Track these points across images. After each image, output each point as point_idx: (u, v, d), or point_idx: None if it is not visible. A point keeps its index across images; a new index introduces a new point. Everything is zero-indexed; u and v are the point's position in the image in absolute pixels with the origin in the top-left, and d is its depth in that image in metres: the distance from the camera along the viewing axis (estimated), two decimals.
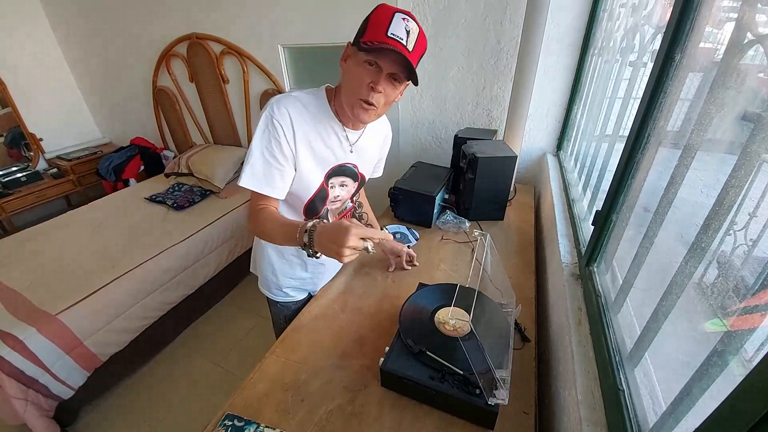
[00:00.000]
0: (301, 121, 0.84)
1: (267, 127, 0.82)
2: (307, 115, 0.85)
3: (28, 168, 3.08)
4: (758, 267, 0.52)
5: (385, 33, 0.73)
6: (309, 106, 0.86)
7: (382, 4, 0.76)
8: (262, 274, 1.14)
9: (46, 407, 1.50)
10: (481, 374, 0.72)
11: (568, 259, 1.01)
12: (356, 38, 0.78)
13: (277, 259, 1.09)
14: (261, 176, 0.84)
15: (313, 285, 1.18)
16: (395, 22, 0.73)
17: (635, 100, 0.86)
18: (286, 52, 2.30)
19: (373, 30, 0.74)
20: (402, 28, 0.74)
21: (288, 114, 0.82)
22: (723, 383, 0.41)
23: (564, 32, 1.56)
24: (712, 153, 0.58)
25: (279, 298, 1.16)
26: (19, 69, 3.00)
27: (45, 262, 1.89)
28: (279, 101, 0.83)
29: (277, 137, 0.82)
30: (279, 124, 0.81)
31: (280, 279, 1.11)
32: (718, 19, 0.62)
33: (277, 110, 0.81)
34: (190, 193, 2.52)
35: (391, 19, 0.73)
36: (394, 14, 0.74)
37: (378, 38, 0.73)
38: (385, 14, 0.74)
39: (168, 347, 2.07)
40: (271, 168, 0.84)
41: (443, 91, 1.90)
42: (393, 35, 0.73)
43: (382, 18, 0.74)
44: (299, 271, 1.12)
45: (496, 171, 1.38)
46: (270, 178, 0.85)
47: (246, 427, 0.73)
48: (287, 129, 0.82)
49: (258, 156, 0.83)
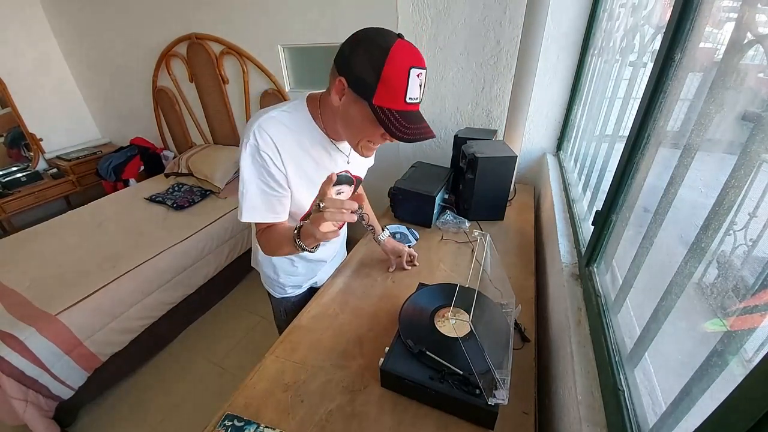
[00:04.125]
0: (285, 146, 0.80)
1: (254, 158, 0.79)
2: (290, 137, 0.81)
3: (28, 168, 3.08)
4: (758, 267, 0.52)
5: (404, 99, 0.68)
6: (292, 127, 0.82)
7: (397, 46, 0.66)
8: (262, 270, 1.16)
9: (45, 407, 1.50)
10: (481, 374, 0.72)
11: (568, 259, 1.00)
12: (362, 86, 0.69)
13: (275, 257, 1.10)
14: (261, 207, 0.83)
15: (311, 280, 1.19)
16: (412, 83, 0.68)
17: (635, 100, 0.86)
18: (286, 52, 2.30)
19: (388, 92, 0.68)
20: (417, 86, 0.70)
21: (272, 140, 0.78)
22: (723, 383, 0.41)
23: (564, 32, 1.56)
24: (712, 153, 0.58)
25: (278, 294, 1.18)
26: (19, 69, 3.00)
27: (45, 262, 1.89)
28: (260, 127, 0.78)
29: (267, 167, 0.79)
30: (266, 153, 0.78)
31: (280, 276, 1.13)
32: (718, 19, 0.62)
33: (261, 139, 0.77)
34: (190, 193, 2.52)
35: (407, 79, 0.67)
36: (410, 72, 0.67)
37: (396, 105, 0.69)
38: (401, 70, 0.67)
39: (168, 347, 2.07)
40: (269, 197, 0.83)
41: (443, 91, 1.90)
42: (411, 100, 0.69)
43: (399, 75, 0.67)
44: (292, 267, 1.13)
45: (496, 171, 1.38)
46: (269, 206, 0.84)
47: (246, 427, 0.73)
48: (275, 157, 0.79)
49: (254, 190, 0.81)
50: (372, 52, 0.67)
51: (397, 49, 0.66)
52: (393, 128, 0.69)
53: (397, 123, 0.69)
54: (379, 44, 0.67)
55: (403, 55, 0.67)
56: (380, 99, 0.68)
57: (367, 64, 0.67)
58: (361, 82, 0.69)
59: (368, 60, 0.67)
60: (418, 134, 0.71)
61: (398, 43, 0.67)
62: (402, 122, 0.70)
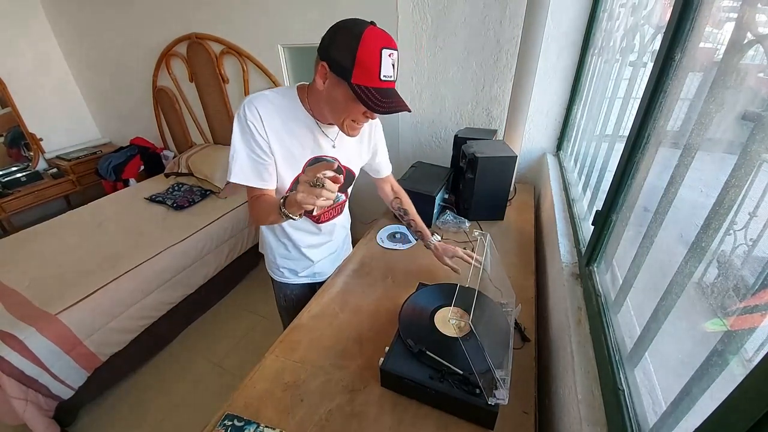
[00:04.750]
0: (270, 120, 0.88)
1: (243, 128, 0.88)
2: (276, 115, 0.89)
3: (28, 168, 3.08)
4: (758, 267, 0.52)
5: (379, 77, 0.76)
6: (280, 106, 0.90)
7: (368, 32, 0.74)
8: (266, 253, 1.24)
9: (45, 407, 1.50)
10: (481, 374, 0.72)
11: (568, 259, 1.00)
12: (341, 69, 0.77)
13: (273, 240, 1.17)
14: (249, 172, 0.90)
15: (308, 269, 1.21)
16: (384, 63, 0.76)
17: (635, 100, 0.86)
18: (286, 52, 2.30)
19: (364, 71, 0.75)
20: (390, 65, 0.77)
21: (258, 114, 0.87)
22: (723, 383, 0.41)
23: (564, 32, 1.56)
24: (712, 153, 0.58)
25: (277, 277, 1.24)
26: (19, 69, 3.00)
27: (45, 262, 1.89)
28: (250, 102, 0.87)
29: (254, 137, 0.88)
30: (252, 124, 0.87)
31: (277, 259, 1.20)
32: (718, 19, 0.62)
33: (249, 112, 0.86)
34: (190, 193, 2.52)
35: (380, 58, 0.75)
36: (381, 51, 0.75)
37: (371, 83, 0.77)
38: (373, 51, 0.74)
39: (168, 347, 2.06)
40: (257, 164, 0.90)
41: (443, 90, 1.90)
42: (385, 77, 0.77)
43: (372, 56, 0.74)
44: (286, 251, 1.17)
45: (496, 171, 1.38)
46: (257, 172, 0.91)
47: (246, 427, 0.73)
48: (260, 128, 0.88)
49: (243, 155, 0.89)
50: (348, 38, 0.76)
51: (368, 34, 0.74)
52: (371, 102, 0.77)
53: (373, 98, 0.77)
54: (352, 31, 0.75)
55: (374, 38, 0.75)
56: (357, 78, 0.76)
57: (344, 49, 0.76)
58: (340, 65, 0.77)
59: (345, 45, 0.76)
60: (394, 107, 0.79)
61: (369, 28, 0.75)
62: (378, 97, 0.77)
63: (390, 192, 1.25)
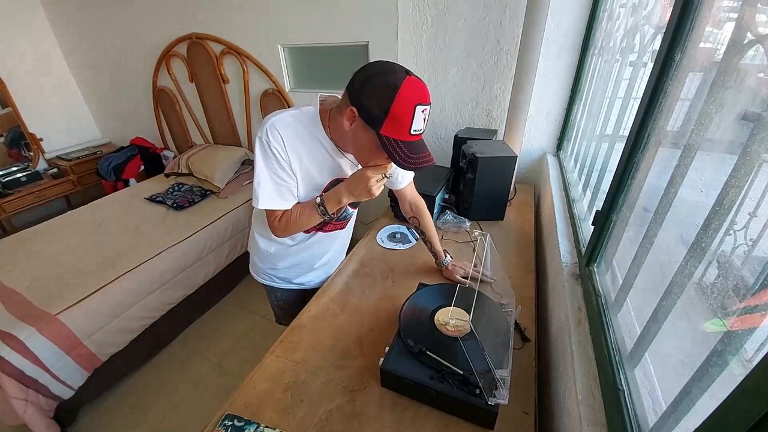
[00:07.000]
0: (292, 144, 0.88)
1: (266, 153, 0.87)
2: (297, 138, 0.89)
3: (28, 168, 3.08)
4: (758, 267, 0.52)
5: (409, 131, 0.76)
6: (301, 130, 0.89)
7: (405, 86, 0.72)
8: (251, 256, 1.24)
9: (46, 407, 1.50)
10: (481, 374, 0.72)
11: (568, 259, 1.00)
12: (371, 117, 0.75)
13: (262, 247, 1.15)
14: (275, 195, 0.92)
15: (299, 277, 1.21)
16: (417, 118, 0.75)
17: (635, 100, 0.86)
18: (286, 52, 2.30)
19: (394, 125, 0.75)
20: (422, 120, 0.77)
21: (281, 138, 0.86)
22: (723, 383, 0.41)
23: (564, 32, 1.56)
24: (712, 153, 0.58)
25: (261, 279, 1.25)
26: (19, 69, 3.00)
27: (45, 262, 1.89)
28: (272, 125, 0.86)
29: (278, 161, 0.88)
30: (276, 150, 0.86)
31: (262, 261, 1.20)
32: (718, 19, 0.62)
33: (272, 137, 0.86)
34: (190, 193, 2.52)
35: (413, 114, 0.74)
36: (416, 108, 0.74)
37: (401, 137, 0.77)
38: (407, 107, 0.73)
39: (168, 347, 2.06)
40: (281, 187, 0.92)
41: (443, 90, 1.90)
42: (415, 131, 0.77)
43: (405, 112, 0.73)
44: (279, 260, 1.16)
45: (496, 171, 1.38)
46: (281, 194, 0.93)
47: (246, 427, 0.73)
48: (282, 153, 0.87)
49: (267, 180, 0.90)
50: (382, 89, 0.73)
51: (405, 87, 0.72)
52: (397, 157, 0.77)
53: (401, 152, 0.77)
54: (388, 83, 0.73)
55: (410, 93, 0.73)
56: (387, 130, 0.76)
57: (377, 100, 0.74)
58: (371, 114, 0.75)
59: (378, 96, 0.74)
60: (419, 163, 0.80)
61: (407, 81, 0.73)
62: (405, 151, 0.77)
63: (408, 209, 1.20)
